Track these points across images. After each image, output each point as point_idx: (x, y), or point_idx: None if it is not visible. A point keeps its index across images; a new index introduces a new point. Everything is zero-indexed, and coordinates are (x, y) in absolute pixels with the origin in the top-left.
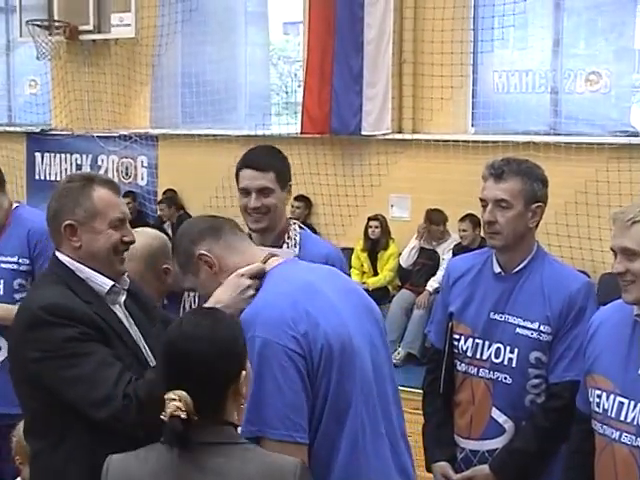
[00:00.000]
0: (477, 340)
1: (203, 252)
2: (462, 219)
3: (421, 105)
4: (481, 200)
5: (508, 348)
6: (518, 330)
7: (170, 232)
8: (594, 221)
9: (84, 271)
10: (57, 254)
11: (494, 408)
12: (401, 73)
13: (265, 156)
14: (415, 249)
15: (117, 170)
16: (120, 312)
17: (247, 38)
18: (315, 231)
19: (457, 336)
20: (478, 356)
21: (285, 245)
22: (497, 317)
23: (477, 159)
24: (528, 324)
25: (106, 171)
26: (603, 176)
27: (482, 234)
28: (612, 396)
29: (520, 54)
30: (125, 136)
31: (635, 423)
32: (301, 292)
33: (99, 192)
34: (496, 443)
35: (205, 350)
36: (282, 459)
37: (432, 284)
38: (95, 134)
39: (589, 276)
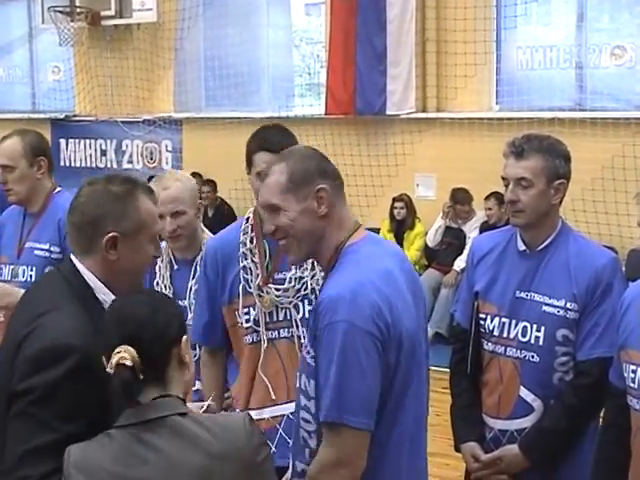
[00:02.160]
0: (503, 319)
1: (326, 187)
2: (487, 197)
3: (445, 83)
4: (503, 178)
5: (535, 326)
6: (544, 308)
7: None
8: (621, 196)
9: (104, 293)
10: (75, 262)
11: (522, 387)
12: (424, 51)
13: (279, 137)
14: (441, 228)
15: (141, 155)
16: None
17: (269, 20)
18: None
19: (483, 315)
20: (505, 335)
21: None
22: (523, 295)
23: (502, 136)
24: (554, 302)
25: (130, 156)
26: (630, 151)
27: None
28: None
29: (544, 30)
30: (149, 121)
31: None
32: (384, 281)
33: (145, 202)
34: (525, 422)
35: (142, 312)
36: (231, 417)
37: (459, 263)
38: (119, 119)
39: (617, 252)
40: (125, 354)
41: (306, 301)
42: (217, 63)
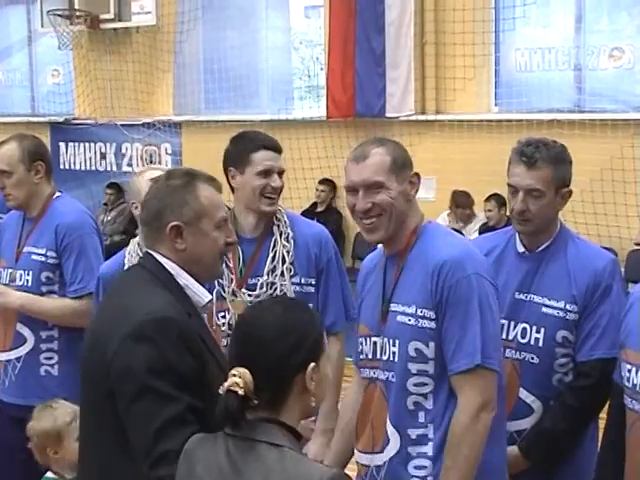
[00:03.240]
0: (503, 321)
1: (418, 174)
2: (487, 199)
3: (444, 85)
4: (510, 186)
5: (534, 328)
6: (544, 309)
7: None
8: (620, 197)
9: (185, 278)
10: (153, 254)
11: (522, 388)
12: (423, 54)
13: (271, 138)
14: None
15: (141, 158)
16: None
17: (268, 23)
18: (340, 214)
19: None
20: (504, 337)
21: (276, 227)
22: (522, 297)
23: (501, 138)
24: (554, 303)
25: (130, 159)
26: (628, 152)
27: (508, 214)
28: None
29: (542, 32)
30: (148, 124)
31: None
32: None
33: (205, 190)
34: (524, 423)
35: (268, 334)
36: (313, 468)
37: None
38: (118, 122)
39: (616, 253)
40: (239, 380)
41: None
42: (216, 66)
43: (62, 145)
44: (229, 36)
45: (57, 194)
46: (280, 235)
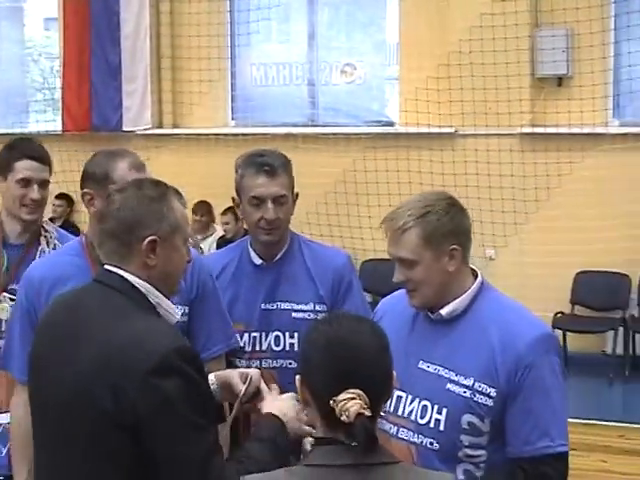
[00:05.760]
0: (254, 334)
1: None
2: (224, 212)
3: (180, 99)
4: (254, 198)
5: (287, 334)
6: (294, 314)
7: None
8: (353, 209)
9: (156, 295)
10: (117, 271)
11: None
12: (159, 68)
13: (42, 148)
14: None
15: None
16: None
17: (1, 34)
18: (78, 229)
19: None
20: (257, 348)
21: (43, 237)
22: (269, 306)
23: (238, 152)
24: (302, 307)
25: None
26: (360, 165)
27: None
28: None
29: (280, 47)
30: None
31: (412, 418)
32: None
33: (177, 204)
34: None
35: (372, 351)
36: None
37: None
38: None
39: None
40: (361, 401)
41: None
42: None
43: None
44: None
45: None
46: (47, 245)
